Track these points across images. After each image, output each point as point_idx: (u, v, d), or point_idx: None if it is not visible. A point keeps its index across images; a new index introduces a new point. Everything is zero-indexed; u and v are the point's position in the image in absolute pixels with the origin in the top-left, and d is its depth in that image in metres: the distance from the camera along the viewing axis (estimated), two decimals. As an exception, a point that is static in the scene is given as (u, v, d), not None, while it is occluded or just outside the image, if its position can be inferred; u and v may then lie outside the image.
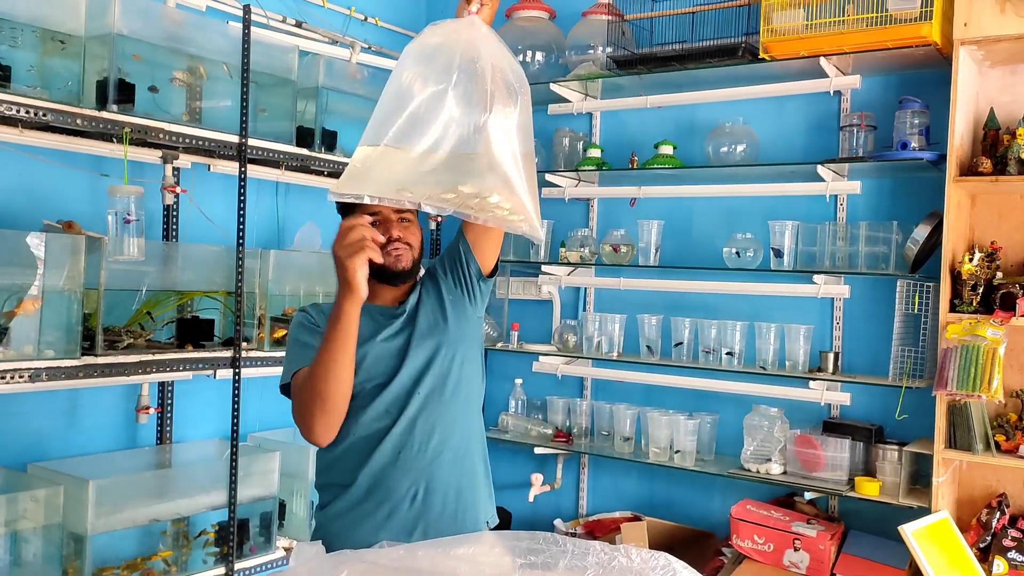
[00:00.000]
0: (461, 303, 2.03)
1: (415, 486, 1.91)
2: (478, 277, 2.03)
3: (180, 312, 2.93)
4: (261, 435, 3.33)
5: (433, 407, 1.93)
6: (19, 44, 2.45)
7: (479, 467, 2.03)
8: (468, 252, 2.02)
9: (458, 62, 1.64)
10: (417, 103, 1.61)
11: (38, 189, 2.75)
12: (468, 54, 1.66)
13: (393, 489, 1.90)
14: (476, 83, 1.63)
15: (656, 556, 1.13)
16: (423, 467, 1.91)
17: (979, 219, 2.95)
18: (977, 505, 2.85)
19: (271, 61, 3.06)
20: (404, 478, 1.90)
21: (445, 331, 1.99)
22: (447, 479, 1.93)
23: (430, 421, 1.92)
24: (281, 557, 3.03)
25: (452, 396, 1.96)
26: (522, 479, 3.72)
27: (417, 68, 1.66)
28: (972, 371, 2.60)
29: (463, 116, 1.62)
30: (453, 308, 2.02)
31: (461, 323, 2.02)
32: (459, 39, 1.68)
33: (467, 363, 2.01)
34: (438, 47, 1.67)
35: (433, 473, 1.92)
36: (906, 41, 2.83)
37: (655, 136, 3.56)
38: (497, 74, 1.68)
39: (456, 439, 1.96)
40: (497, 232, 2.02)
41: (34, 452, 2.76)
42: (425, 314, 1.99)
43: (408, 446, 1.90)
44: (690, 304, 3.51)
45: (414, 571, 1.08)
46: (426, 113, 1.61)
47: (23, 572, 2.45)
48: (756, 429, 3.14)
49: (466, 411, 2.00)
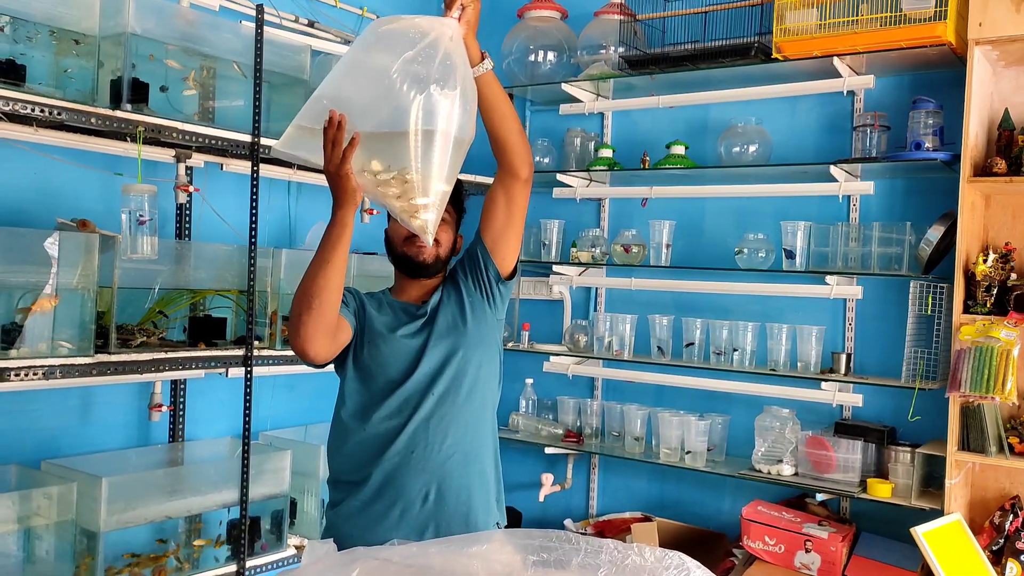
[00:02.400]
0: (481, 306, 2.03)
1: (427, 486, 1.91)
2: (496, 279, 2.03)
3: (193, 311, 2.94)
4: (273, 433, 3.34)
5: (447, 408, 1.93)
6: (34, 43, 2.47)
7: (490, 470, 2.02)
8: (486, 254, 2.01)
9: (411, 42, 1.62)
10: (361, 74, 1.62)
11: (52, 188, 2.76)
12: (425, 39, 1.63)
13: (405, 488, 1.90)
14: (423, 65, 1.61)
15: (669, 555, 1.13)
16: (435, 467, 1.91)
17: (993, 220, 2.93)
18: (990, 507, 2.84)
19: (283, 61, 3.07)
20: (417, 478, 1.90)
21: (463, 333, 1.98)
22: (459, 480, 1.93)
23: (444, 422, 1.92)
24: (292, 555, 3.03)
25: (467, 398, 1.96)
26: (532, 479, 3.71)
27: (374, 41, 1.65)
28: (986, 373, 2.59)
29: (401, 94, 1.59)
30: (472, 310, 2.02)
31: (480, 326, 2.02)
32: (422, 25, 1.66)
33: (484, 366, 2.01)
34: (403, 28, 1.66)
35: (445, 474, 1.92)
36: (920, 41, 2.82)
37: (667, 136, 3.55)
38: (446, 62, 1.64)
39: (468, 441, 1.96)
40: (515, 233, 2.01)
41: (48, 449, 2.78)
42: (445, 315, 2.00)
43: (421, 446, 1.91)
44: (701, 304, 3.50)
45: (426, 568, 1.08)
46: (367, 85, 1.61)
47: (36, 568, 2.46)
48: (767, 430, 3.13)
49: (480, 414, 2.00)
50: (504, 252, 2.02)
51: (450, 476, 1.92)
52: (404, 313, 2.00)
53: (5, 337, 2.32)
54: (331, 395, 2.10)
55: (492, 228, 1.99)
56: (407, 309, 2.01)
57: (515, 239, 2.03)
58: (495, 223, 2.00)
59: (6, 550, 2.40)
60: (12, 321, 2.34)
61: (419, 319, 1.98)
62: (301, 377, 3.46)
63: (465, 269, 2.06)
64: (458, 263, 2.10)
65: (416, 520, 1.90)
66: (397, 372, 1.93)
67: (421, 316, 1.99)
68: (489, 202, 2.00)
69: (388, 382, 1.92)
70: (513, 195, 1.97)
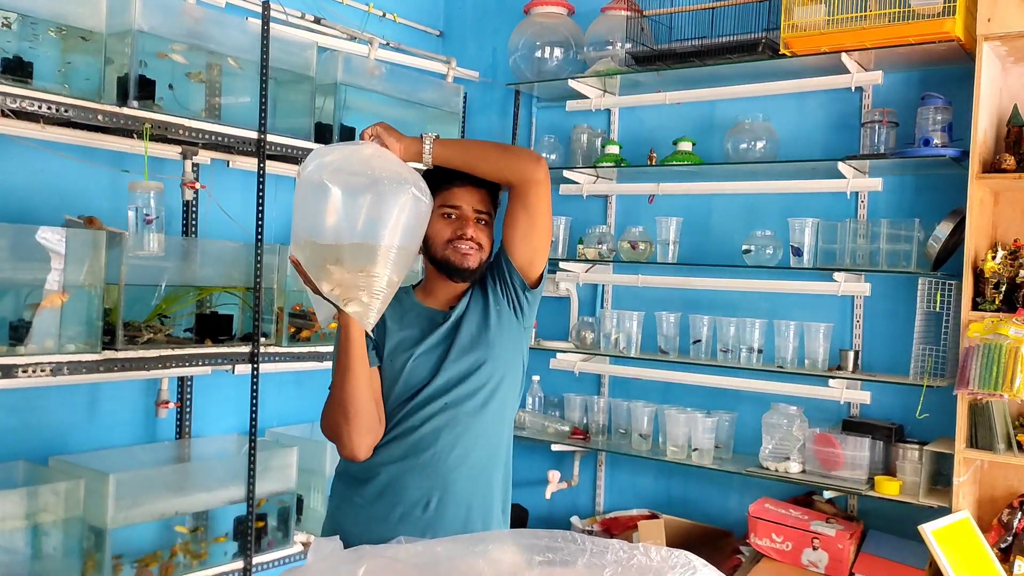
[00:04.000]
0: (507, 315, 1.98)
1: (429, 494, 1.88)
2: (523, 287, 1.97)
3: (199, 307, 2.95)
4: (279, 430, 3.35)
5: (460, 419, 1.90)
6: (41, 40, 2.47)
7: (497, 483, 1.98)
8: (509, 263, 1.96)
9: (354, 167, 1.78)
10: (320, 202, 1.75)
11: (60, 185, 2.77)
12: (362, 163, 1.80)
13: (407, 493, 1.88)
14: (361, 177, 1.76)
15: (676, 554, 1.12)
16: (441, 476, 1.89)
17: (1002, 216, 2.92)
18: (998, 505, 2.83)
19: (290, 57, 3.07)
20: (420, 483, 1.88)
21: (487, 344, 1.94)
22: (462, 492, 1.90)
23: (455, 432, 1.89)
24: (298, 552, 3.04)
25: (481, 409, 1.92)
26: (539, 476, 3.72)
27: (322, 171, 1.77)
28: (994, 370, 2.58)
29: (348, 209, 1.73)
30: (499, 319, 1.97)
31: (504, 335, 1.97)
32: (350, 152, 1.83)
33: (506, 377, 1.96)
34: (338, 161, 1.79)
35: (449, 484, 1.89)
36: (929, 37, 2.80)
37: (674, 133, 3.54)
38: (386, 169, 1.79)
39: (478, 453, 1.92)
40: (539, 238, 1.96)
41: (55, 446, 2.79)
42: (469, 325, 1.95)
43: (429, 453, 1.89)
44: (708, 301, 3.50)
45: (433, 567, 1.08)
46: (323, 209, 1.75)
47: (44, 564, 2.47)
48: (775, 427, 3.12)
49: (495, 425, 1.95)
50: (529, 259, 1.96)
51: (454, 486, 1.89)
52: (428, 321, 1.96)
53: (13, 334, 2.32)
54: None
55: (514, 235, 1.94)
56: (432, 317, 1.97)
57: (539, 244, 1.96)
58: (517, 230, 1.94)
59: (14, 546, 2.41)
60: (20, 318, 2.34)
61: (442, 326, 1.95)
62: (307, 374, 3.46)
63: (493, 277, 2.00)
64: (487, 269, 2.03)
65: (415, 525, 1.88)
66: (417, 380, 1.91)
67: (445, 323, 1.95)
68: (508, 208, 1.96)
69: (406, 388, 1.90)
70: (529, 199, 1.91)
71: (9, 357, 2.28)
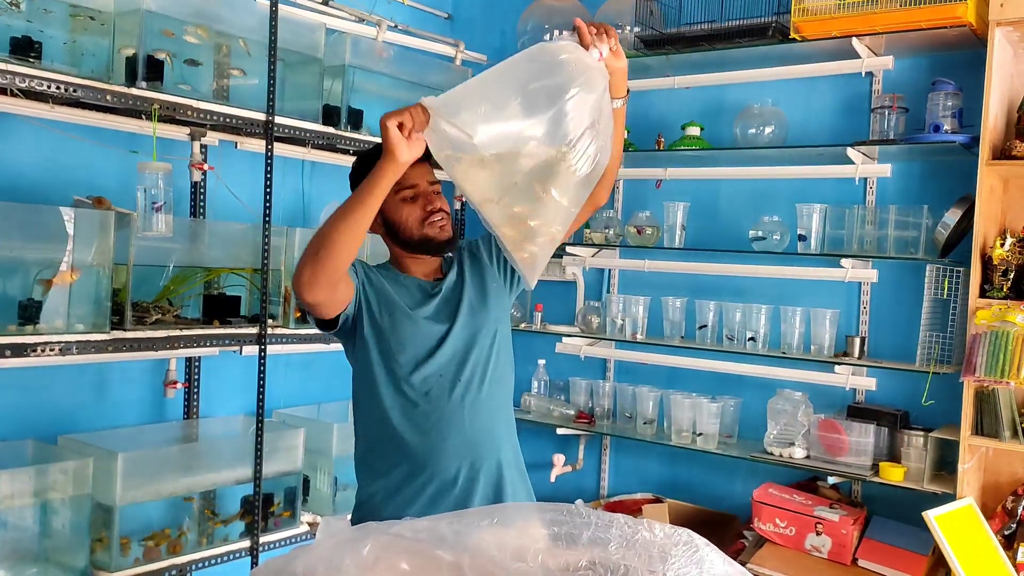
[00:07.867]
0: (503, 290, 2.06)
1: (459, 469, 1.91)
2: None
3: (207, 288, 2.96)
4: (286, 411, 3.36)
5: (474, 393, 1.93)
6: (50, 20, 2.47)
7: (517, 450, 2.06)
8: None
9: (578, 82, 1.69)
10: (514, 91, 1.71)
11: (69, 165, 2.77)
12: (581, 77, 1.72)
13: (439, 469, 1.90)
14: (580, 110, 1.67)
15: (679, 531, 1.13)
16: (468, 450, 1.91)
17: (1011, 203, 2.90)
18: (1003, 492, 2.83)
19: (298, 39, 3.07)
20: (450, 461, 1.90)
21: (486, 315, 1.99)
22: (489, 463, 1.95)
23: (475, 407, 1.93)
24: (305, 532, 3.06)
25: (491, 382, 1.97)
26: (544, 460, 3.73)
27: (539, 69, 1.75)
28: (1001, 357, 2.58)
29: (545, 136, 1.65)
30: (497, 293, 2.04)
31: (499, 307, 2.04)
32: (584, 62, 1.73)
33: (502, 350, 2.02)
34: (563, 62, 1.75)
35: (476, 456, 1.92)
36: (940, 21, 2.78)
37: (682, 117, 3.53)
38: (600, 111, 1.72)
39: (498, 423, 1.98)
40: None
41: (64, 425, 2.81)
42: (467, 296, 2.00)
43: (450, 429, 1.90)
44: (715, 287, 3.49)
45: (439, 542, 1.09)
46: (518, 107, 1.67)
47: (53, 542, 2.50)
48: (780, 413, 3.12)
49: (502, 396, 2.02)
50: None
51: (480, 458, 1.93)
52: (419, 291, 1.99)
53: (23, 313, 2.34)
54: (344, 373, 2.09)
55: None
56: (422, 287, 2.00)
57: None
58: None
59: (23, 523, 2.43)
60: (29, 297, 2.36)
61: (434, 297, 1.98)
62: (315, 355, 3.48)
63: (492, 252, 2.07)
64: (484, 242, 2.10)
65: (450, 501, 1.90)
66: (423, 350, 1.92)
67: (436, 294, 1.98)
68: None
69: (413, 371, 1.91)
70: (583, 218, 1.99)
71: (19, 336, 2.29)
